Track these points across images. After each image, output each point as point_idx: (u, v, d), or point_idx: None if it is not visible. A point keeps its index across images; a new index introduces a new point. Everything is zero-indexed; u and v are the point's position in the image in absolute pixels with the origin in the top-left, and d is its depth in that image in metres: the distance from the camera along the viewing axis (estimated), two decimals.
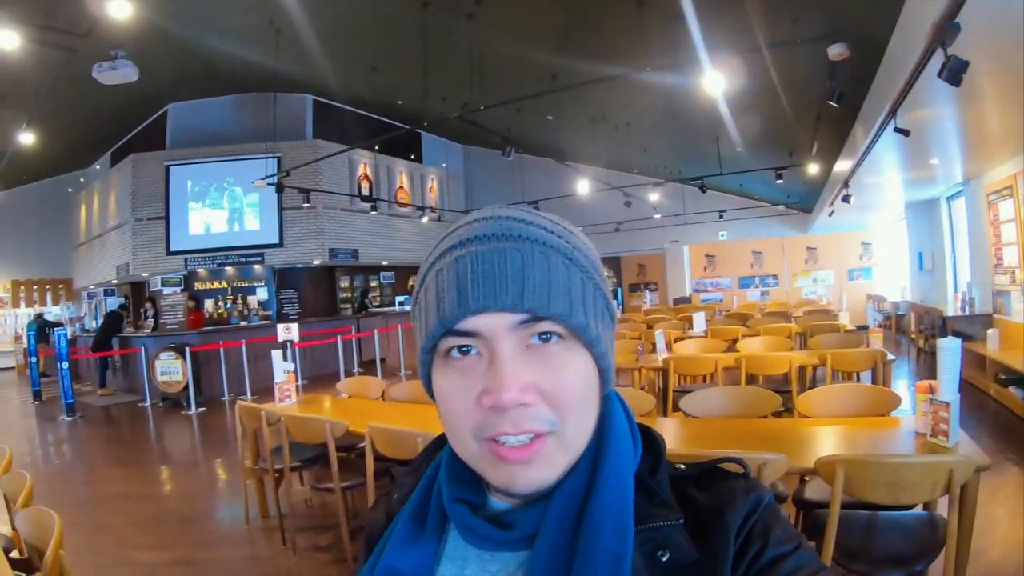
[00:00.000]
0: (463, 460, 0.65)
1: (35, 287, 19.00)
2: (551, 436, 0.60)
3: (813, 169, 10.80)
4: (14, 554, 2.48)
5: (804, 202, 15.75)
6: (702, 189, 12.53)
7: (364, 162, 15.92)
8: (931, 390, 2.69)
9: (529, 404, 0.58)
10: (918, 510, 2.59)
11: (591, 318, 0.62)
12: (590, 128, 13.25)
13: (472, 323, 0.59)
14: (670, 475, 0.67)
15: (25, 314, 17.60)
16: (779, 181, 10.99)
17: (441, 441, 0.74)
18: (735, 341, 6.79)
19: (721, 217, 15.90)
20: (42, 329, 13.03)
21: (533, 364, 0.59)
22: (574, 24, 8.61)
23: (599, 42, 8.76)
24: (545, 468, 0.60)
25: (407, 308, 15.17)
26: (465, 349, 0.61)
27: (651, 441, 0.69)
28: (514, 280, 0.58)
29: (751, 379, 5.34)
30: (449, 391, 0.62)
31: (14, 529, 2.48)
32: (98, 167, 18.36)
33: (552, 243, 0.62)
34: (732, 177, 13.14)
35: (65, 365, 9.55)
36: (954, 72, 3.74)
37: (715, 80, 6.52)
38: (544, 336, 0.60)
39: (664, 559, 0.59)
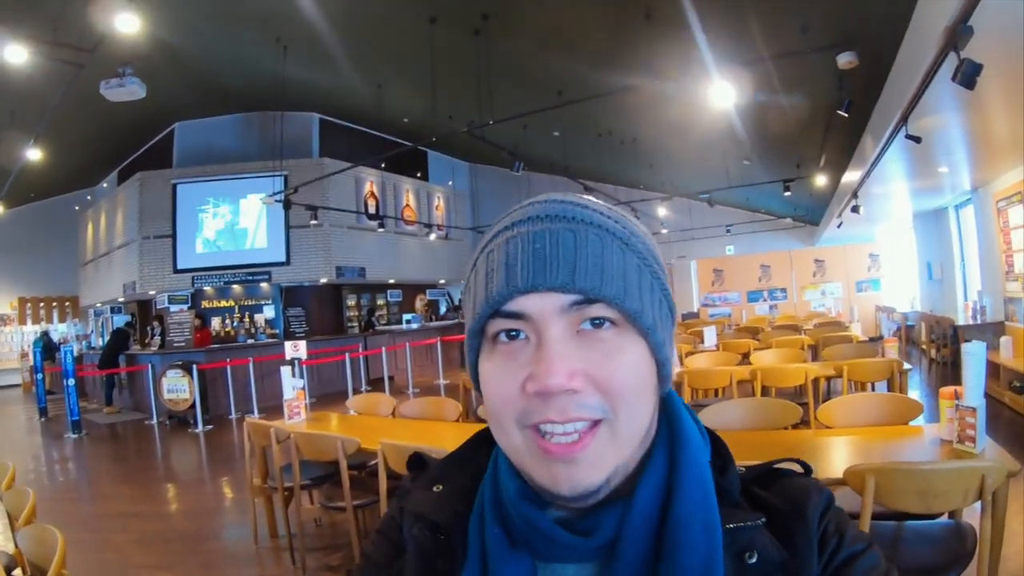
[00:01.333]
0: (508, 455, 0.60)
1: (42, 304, 19.08)
2: (603, 425, 0.55)
3: (821, 181, 10.79)
4: (16, 572, 2.44)
5: (811, 214, 15.75)
6: (710, 203, 12.50)
7: (370, 180, 15.96)
8: (956, 396, 2.63)
9: (577, 390, 0.54)
10: (943, 519, 2.53)
11: (647, 304, 0.58)
12: (596, 144, 13.27)
13: (520, 304, 0.56)
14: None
15: (32, 331, 17.65)
16: (787, 193, 10.97)
17: (484, 435, 0.69)
18: (747, 355, 6.74)
19: (728, 231, 15.87)
20: (47, 346, 13.01)
21: (583, 350, 0.55)
22: (581, 39, 8.62)
23: (606, 56, 8.77)
24: (592, 468, 0.55)
25: (414, 326, 15.11)
26: (513, 334, 0.57)
27: (716, 442, 0.66)
28: (565, 260, 0.55)
29: (764, 392, 5.29)
30: (494, 375, 0.58)
31: (16, 547, 2.44)
32: (105, 185, 18.49)
33: (608, 227, 0.58)
34: (739, 191, 13.14)
35: (71, 382, 9.54)
36: (968, 76, 3.70)
37: (723, 91, 6.49)
38: (596, 322, 0.56)
39: (751, 561, 0.55)
